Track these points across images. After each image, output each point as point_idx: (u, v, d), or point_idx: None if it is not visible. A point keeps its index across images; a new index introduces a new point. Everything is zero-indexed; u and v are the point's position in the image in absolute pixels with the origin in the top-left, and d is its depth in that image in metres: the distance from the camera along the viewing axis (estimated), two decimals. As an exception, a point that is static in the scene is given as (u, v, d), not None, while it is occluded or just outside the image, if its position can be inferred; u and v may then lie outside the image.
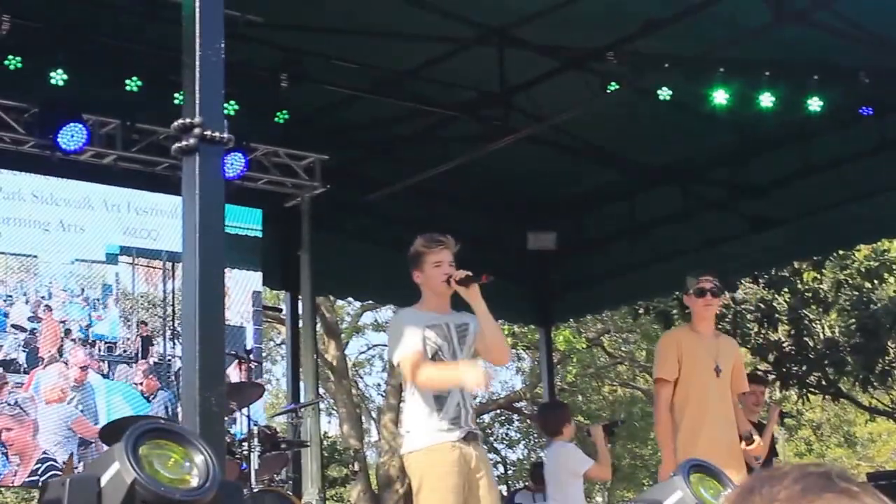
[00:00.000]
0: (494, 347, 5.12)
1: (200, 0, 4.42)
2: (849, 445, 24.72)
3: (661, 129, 9.64)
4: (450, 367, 4.97)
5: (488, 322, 5.04)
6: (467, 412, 5.01)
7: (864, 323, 13.40)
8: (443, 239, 5.11)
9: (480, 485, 4.98)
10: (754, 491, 1.21)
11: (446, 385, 4.96)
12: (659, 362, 6.15)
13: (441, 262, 5.06)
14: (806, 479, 1.18)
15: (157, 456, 3.67)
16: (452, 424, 4.95)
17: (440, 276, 5.03)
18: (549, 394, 11.96)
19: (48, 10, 7.87)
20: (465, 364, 4.99)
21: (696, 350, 5.97)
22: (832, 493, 1.15)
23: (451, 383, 4.95)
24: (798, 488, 1.17)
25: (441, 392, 4.97)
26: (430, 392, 4.98)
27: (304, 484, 8.85)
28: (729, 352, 6.11)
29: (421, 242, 5.12)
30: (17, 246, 8.50)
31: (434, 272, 5.05)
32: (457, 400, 4.98)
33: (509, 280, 11.32)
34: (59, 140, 8.05)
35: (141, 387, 8.88)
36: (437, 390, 4.97)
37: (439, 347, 5.01)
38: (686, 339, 6.07)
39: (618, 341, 21.81)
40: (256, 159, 9.19)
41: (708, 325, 6.10)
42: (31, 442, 8.24)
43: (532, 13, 8.07)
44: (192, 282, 4.28)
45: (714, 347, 6.01)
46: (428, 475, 4.92)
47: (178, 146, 4.38)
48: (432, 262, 5.07)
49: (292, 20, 8.18)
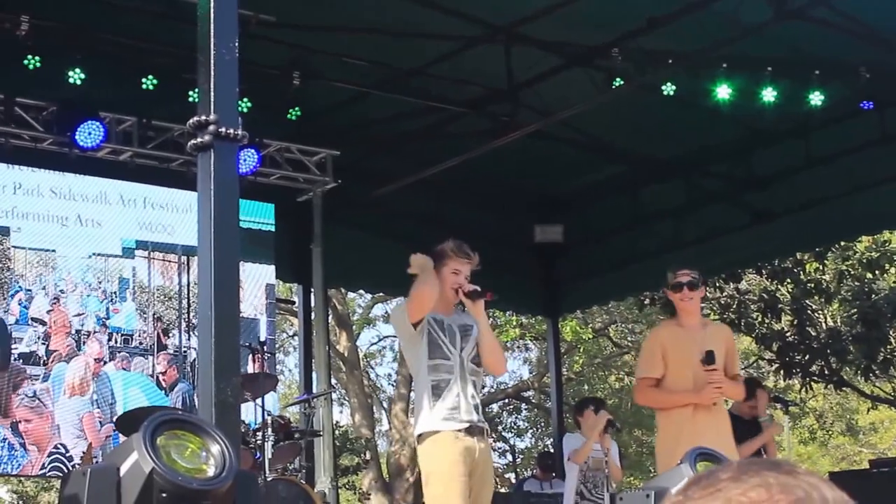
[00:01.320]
0: (491, 358, 5.43)
1: (215, 0, 4.45)
2: (851, 433, 24.67)
3: (666, 123, 9.69)
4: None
5: (488, 335, 5.41)
6: (468, 405, 5.20)
7: (865, 313, 13.37)
8: (471, 254, 5.41)
9: (482, 479, 5.20)
10: (700, 483, 1.20)
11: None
12: (641, 362, 6.20)
13: (459, 271, 5.35)
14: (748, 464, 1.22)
15: (175, 446, 3.69)
16: (452, 412, 5.16)
17: (453, 282, 5.32)
18: (556, 383, 12.02)
19: (66, 11, 7.91)
20: None
21: (681, 344, 5.91)
22: (773, 472, 1.18)
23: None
24: (738, 468, 1.20)
25: (439, 381, 5.20)
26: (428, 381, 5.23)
27: (316, 472, 8.91)
28: (716, 339, 5.98)
29: (451, 246, 5.38)
30: (36, 241, 8.58)
31: (450, 277, 5.33)
32: (456, 392, 5.19)
33: (517, 272, 11.41)
34: (77, 137, 8.11)
35: (164, 376, 8.97)
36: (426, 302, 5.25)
37: (439, 336, 5.26)
38: (669, 335, 6.04)
39: (624, 331, 21.89)
40: (269, 155, 9.24)
41: (691, 318, 6.01)
42: (48, 434, 8.33)
43: (538, 11, 8.11)
44: (207, 275, 4.30)
45: (700, 338, 5.91)
46: (436, 463, 5.12)
47: (194, 143, 4.42)
48: (452, 268, 5.34)
49: (304, 20, 8.22)
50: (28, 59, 7.93)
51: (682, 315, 6.04)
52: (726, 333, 6.30)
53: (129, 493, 3.57)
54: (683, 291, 5.95)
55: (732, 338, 6.30)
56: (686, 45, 8.24)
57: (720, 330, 6.35)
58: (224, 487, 3.64)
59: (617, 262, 11.12)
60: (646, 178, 10.68)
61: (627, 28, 8.19)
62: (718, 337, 6.06)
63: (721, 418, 5.97)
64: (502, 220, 11.23)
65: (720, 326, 6.71)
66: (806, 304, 14.43)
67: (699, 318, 6.14)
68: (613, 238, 11.15)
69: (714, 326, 6.41)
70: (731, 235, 10.37)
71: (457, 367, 5.25)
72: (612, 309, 19.63)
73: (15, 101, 8.08)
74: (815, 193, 9.77)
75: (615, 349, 22.12)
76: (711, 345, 5.89)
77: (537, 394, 21.80)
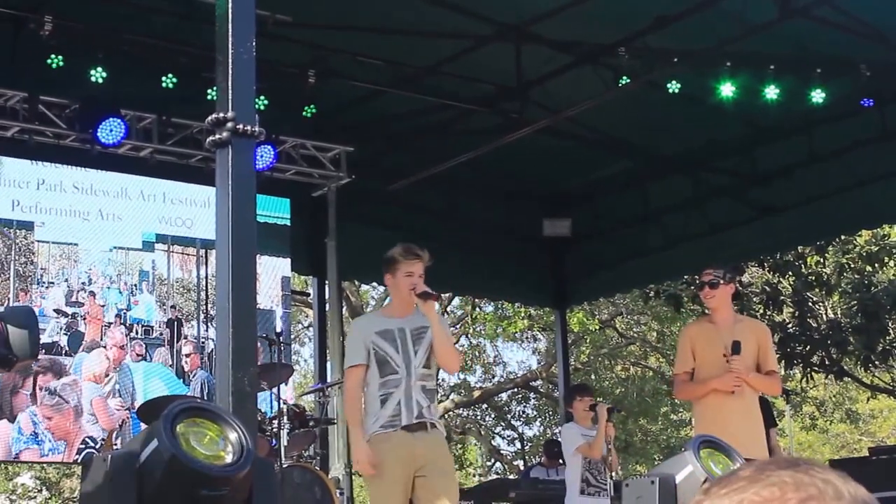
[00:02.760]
0: (442, 356, 5.52)
1: (233, 1, 4.45)
2: (851, 421, 24.65)
3: (671, 120, 9.78)
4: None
5: (438, 333, 5.48)
6: (410, 411, 5.38)
7: (865, 305, 13.43)
8: (420, 253, 5.54)
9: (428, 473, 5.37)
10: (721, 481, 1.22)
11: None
12: (676, 358, 6.40)
13: (412, 272, 5.49)
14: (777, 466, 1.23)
15: (194, 433, 3.69)
16: (392, 419, 5.38)
17: (408, 284, 5.47)
18: (564, 373, 12.06)
19: (88, 11, 7.99)
20: None
21: (709, 338, 6.08)
22: (789, 470, 1.19)
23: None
24: (757, 468, 1.21)
25: (387, 395, 5.41)
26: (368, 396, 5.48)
27: (331, 459, 9.01)
28: (747, 335, 6.08)
29: (399, 251, 5.53)
30: (59, 234, 8.68)
31: (404, 280, 5.49)
32: (398, 399, 5.40)
33: (526, 265, 11.52)
34: (99, 134, 8.17)
35: (188, 359, 9.08)
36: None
37: (385, 352, 5.44)
38: (698, 331, 6.23)
39: (630, 322, 21.99)
40: (285, 151, 9.31)
41: (719, 314, 6.15)
42: (73, 427, 8.43)
43: (547, 11, 8.19)
44: (225, 268, 4.32)
45: (729, 334, 6.03)
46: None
47: (212, 139, 4.43)
48: (404, 272, 5.49)
49: (319, 19, 8.30)
50: (51, 58, 8.02)
51: (711, 312, 6.23)
52: (759, 329, 6.34)
53: (150, 479, 3.60)
54: (705, 290, 6.18)
55: (767, 334, 6.31)
56: (692, 43, 8.32)
57: (752, 326, 6.41)
58: (241, 474, 3.65)
59: (623, 256, 11.20)
60: (652, 174, 10.76)
61: (634, 27, 8.28)
62: (749, 332, 6.14)
63: (750, 405, 6.06)
64: (512, 214, 11.33)
65: (753, 323, 6.76)
66: (807, 296, 14.49)
67: (730, 314, 6.23)
68: (620, 232, 11.23)
69: (746, 322, 6.45)
70: (735, 230, 10.43)
71: (404, 379, 5.42)
72: (619, 301, 19.71)
73: (38, 98, 8.14)
74: (816, 189, 9.84)
75: (621, 340, 22.23)
76: (740, 338, 6.03)
77: (545, 383, 21.91)
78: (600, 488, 7.60)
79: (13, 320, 3.06)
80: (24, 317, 3.09)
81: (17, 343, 3.06)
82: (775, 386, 6.38)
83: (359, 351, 5.49)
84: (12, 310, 7.28)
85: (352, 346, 5.58)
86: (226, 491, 3.65)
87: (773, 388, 6.45)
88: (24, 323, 3.13)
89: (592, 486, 7.56)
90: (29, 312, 3.16)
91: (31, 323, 3.14)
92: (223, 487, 3.65)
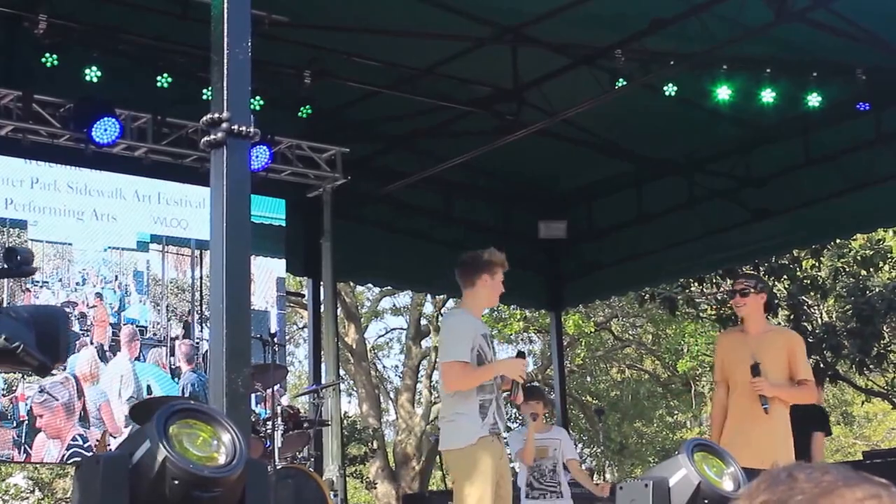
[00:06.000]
0: None
1: (228, 1, 4.46)
2: (846, 424, 24.76)
3: (667, 123, 9.78)
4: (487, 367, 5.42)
5: None
6: (502, 419, 5.44)
7: (860, 309, 13.43)
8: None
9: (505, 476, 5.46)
10: (793, 476, 1.22)
11: (485, 379, 5.38)
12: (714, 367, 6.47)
13: (503, 280, 5.56)
14: (845, 470, 1.22)
15: (187, 434, 3.67)
16: (493, 426, 5.39)
17: (501, 290, 5.53)
18: (559, 375, 12.10)
19: (83, 10, 7.99)
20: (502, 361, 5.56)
21: (736, 349, 6.08)
22: (868, 484, 1.20)
23: (489, 377, 5.40)
24: (840, 476, 1.20)
25: (484, 400, 5.37)
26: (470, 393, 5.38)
27: (324, 461, 8.99)
28: (774, 345, 6.04)
29: (501, 258, 5.55)
30: (53, 234, 8.64)
31: (500, 286, 5.53)
32: (494, 406, 5.41)
33: (522, 267, 11.43)
34: (93, 133, 8.17)
35: (181, 359, 9.04)
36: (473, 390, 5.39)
37: (485, 357, 5.43)
38: (727, 342, 6.30)
39: (625, 325, 22.02)
40: (281, 152, 9.31)
41: (752, 323, 6.12)
42: (65, 425, 8.41)
43: (544, 13, 8.20)
44: (219, 269, 4.31)
45: (755, 344, 5.99)
46: (470, 469, 5.33)
47: (207, 139, 4.43)
48: (501, 277, 5.53)
49: (315, 20, 8.30)
50: (46, 57, 8.02)
51: (743, 321, 6.23)
52: (788, 339, 6.26)
53: (142, 481, 3.57)
54: (735, 299, 6.20)
55: (796, 343, 6.21)
56: (688, 46, 8.32)
57: (781, 336, 6.35)
58: (235, 475, 3.63)
59: (619, 258, 11.23)
60: (647, 176, 10.78)
61: (631, 30, 8.30)
62: (777, 343, 6.09)
63: (775, 417, 5.97)
64: (507, 216, 11.35)
65: (782, 332, 6.71)
66: (802, 299, 14.51)
67: (761, 323, 6.21)
68: (615, 234, 11.24)
69: (775, 332, 6.39)
70: (731, 232, 10.46)
71: (496, 387, 5.44)
72: (614, 303, 19.74)
73: (33, 97, 8.13)
74: (812, 192, 9.85)
75: (616, 342, 22.26)
76: (766, 351, 5.99)
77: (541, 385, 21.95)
78: (546, 490, 7.51)
79: (43, 325, 3.03)
80: (56, 319, 3.07)
81: (48, 347, 3.04)
82: (808, 394, 6.19)
83: (466, 347, 5.37)
84: (42, 312, 7.22)
85: (459, 340, 5.41)
86: (219, 492, 3.63)
87: (806, 397, 6.25)
88: (55, 327, 3.11)
89: (536, 489, 7.51)
90: (61, 315, 3.14)
91: (62, 326, 3.12)
92: (216, 489, 3.62)
